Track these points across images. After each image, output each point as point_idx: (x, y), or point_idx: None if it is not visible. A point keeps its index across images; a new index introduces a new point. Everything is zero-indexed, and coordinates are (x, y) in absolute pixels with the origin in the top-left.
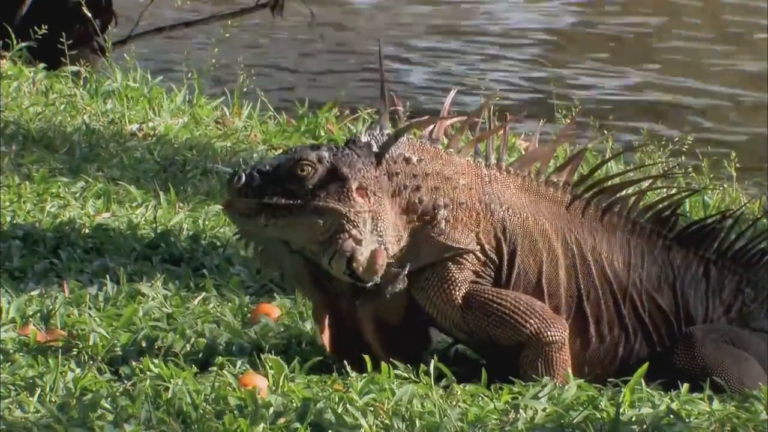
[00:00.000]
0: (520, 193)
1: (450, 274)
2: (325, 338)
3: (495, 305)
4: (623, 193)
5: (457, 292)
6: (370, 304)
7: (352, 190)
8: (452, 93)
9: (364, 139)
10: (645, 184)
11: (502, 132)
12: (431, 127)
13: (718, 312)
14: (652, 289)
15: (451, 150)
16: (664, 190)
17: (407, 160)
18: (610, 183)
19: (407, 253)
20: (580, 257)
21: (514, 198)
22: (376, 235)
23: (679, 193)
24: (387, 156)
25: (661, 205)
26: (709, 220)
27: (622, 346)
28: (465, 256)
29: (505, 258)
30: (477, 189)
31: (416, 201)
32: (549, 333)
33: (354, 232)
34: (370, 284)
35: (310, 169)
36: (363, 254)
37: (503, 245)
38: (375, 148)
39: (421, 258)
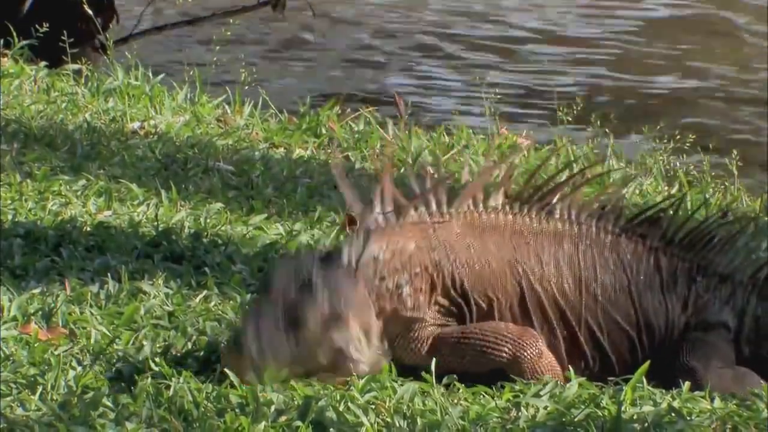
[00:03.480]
0: (464, 232)
1: (415, 334)
2: None
3: (464, 345)
4: (560, 195)
5: (424, 347)
6: None
7: (348, 320)
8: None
9: (344, 258)
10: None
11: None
12: (378, 189)
13: (676, 310)
14: (608, 303)
15: (402, 219)
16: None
17: (375, 260)
18: (545, 189)
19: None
20: (530, 291)
21: (459, 240)
22: (373, 347)
23: (590, 177)
24: (360, 264)
25: (602, 198)
26: (653, 207)
27: (580, 371)
28: (427, 316)
29: (464, 308)
30: (425, 247)
31: (384, 292)
32: (525, 353)
33: (354, 356)
34: None
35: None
36: (365, 370)
37: (459, 299)
38: (354, 265)
39: (390, 332)
